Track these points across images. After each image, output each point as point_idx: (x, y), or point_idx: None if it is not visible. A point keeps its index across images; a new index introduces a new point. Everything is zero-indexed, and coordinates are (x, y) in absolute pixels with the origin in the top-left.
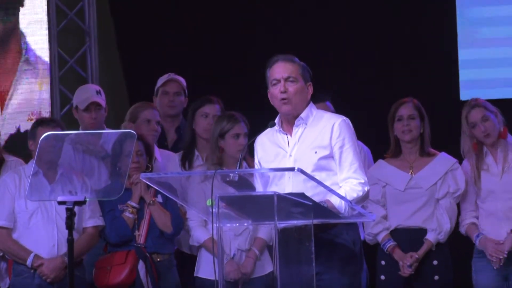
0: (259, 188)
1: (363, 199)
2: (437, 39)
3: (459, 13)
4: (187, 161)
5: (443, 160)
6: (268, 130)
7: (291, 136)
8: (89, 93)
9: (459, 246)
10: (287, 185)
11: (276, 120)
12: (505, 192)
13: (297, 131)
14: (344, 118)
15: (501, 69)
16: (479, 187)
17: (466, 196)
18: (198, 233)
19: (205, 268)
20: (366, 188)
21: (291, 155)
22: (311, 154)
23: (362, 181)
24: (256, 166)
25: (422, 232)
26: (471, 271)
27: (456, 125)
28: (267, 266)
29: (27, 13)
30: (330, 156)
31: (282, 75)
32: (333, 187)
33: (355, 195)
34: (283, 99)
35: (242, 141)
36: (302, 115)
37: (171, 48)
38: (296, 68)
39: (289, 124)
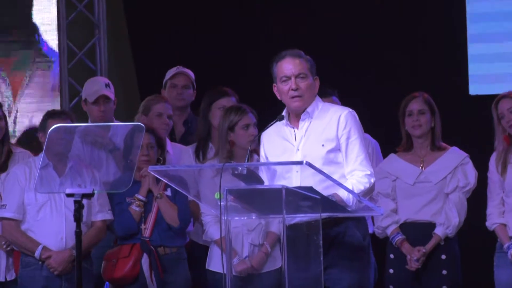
0: (266, 182)
1: (370, 191)
2: (446, 33)
3: (468, 7)
4: (201, 152)
5: (453, 155)
6: (274, 124)
7: (297, 129)
8: (98, 86)
9: (470, 241)
10: (295, 179)
11: (283, 114)
12: None
13: (303, 125)
14: (350, 110)
15: (511, 64)
16: (504, 180)
17: (493, 188)
18: (212, 230)
19: (217, 262)
20: (372, 180)
21: (298, 149)
22: (318, 147)
23: (368, 172)
24: (262, 159)
25: (431, 226)
26: (490, 266)
27: (465, 119)
28: (279, 261)
29: (39, 5)
30: (337, 149)
31: (293, 72)
32: (341, 180)
33: (362, 187)
34: (295, 96)
35: (252, 131)
36: (308, 109)
37: (181, 41)
38: (304, 64)
39: (296, 117)
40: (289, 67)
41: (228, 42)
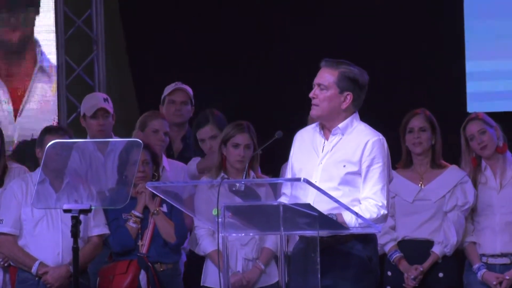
0: (287, 188)
1: (376, 221)
2: (445, 50)
3: (467, 25)
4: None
5: (453, 173)
6: (310, 127)
7: (327, 141)
8: (96, 100)
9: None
10: (310, 192)
11: (318, 122)
12: (502, 207)
13: (333, 139)
14: (381, 137)
15: (509, 81)
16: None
17: None
18: (205, 243)
19: (212, 277)
20: (382, 212)
21: (321, 163)
22: (339, 167)
23: (380, 204)
24: (290, 160)
25: (429, 244)
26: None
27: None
28: (274, 276)
29: (40, 21)
30: (358, 173)
31: (316, 81)
32: (354, 203)
33: (368, 215)
34: (312, 104)
35: (241, 152)
36: (341, 125)
37: (180, 56)
38: (332, 76)
39: (327, 129)
40: (317, 75)
41: (227, 47)
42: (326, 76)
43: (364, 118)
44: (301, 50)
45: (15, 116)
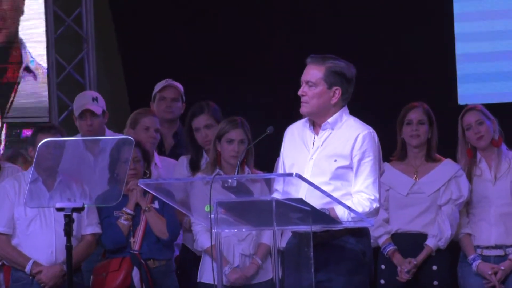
0: (280, 184)
1: (369, 215)
2: (436, 43)
3: (456, 17)
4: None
5: (447, 167)
6: (300, 122)
7: (317, 136)
8: (84, 100)
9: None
10: (302, 187)
11: (307, 118)
12: (498, 198)
13: (323, 134)
14: (371, 130)
15: (499, 72)
16: (471, 192)
17: None
18: (203, 239)
19: (209, 274)
20: (374, 205)
21: (312, 158)
22: (330, 161)
23: (372, 197)
24: (281, 156)
25: (422, 237)
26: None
27: (453, 130)
28: (270, 272)
29: (26, 20)
30: (349, 167)
31: (304, 78)
32: (345, 197)
33: (360, 209)
34: (302, 101)
35: (235, 148)
36: (330, 119)
37: (171, 53)
38: (320, 72)
39: (317, 124)
40: (304, 72)
41: (220, 53)
42: (313, 73)
43: (354, 111)
44: (301, 51)
45: (2, 116)
